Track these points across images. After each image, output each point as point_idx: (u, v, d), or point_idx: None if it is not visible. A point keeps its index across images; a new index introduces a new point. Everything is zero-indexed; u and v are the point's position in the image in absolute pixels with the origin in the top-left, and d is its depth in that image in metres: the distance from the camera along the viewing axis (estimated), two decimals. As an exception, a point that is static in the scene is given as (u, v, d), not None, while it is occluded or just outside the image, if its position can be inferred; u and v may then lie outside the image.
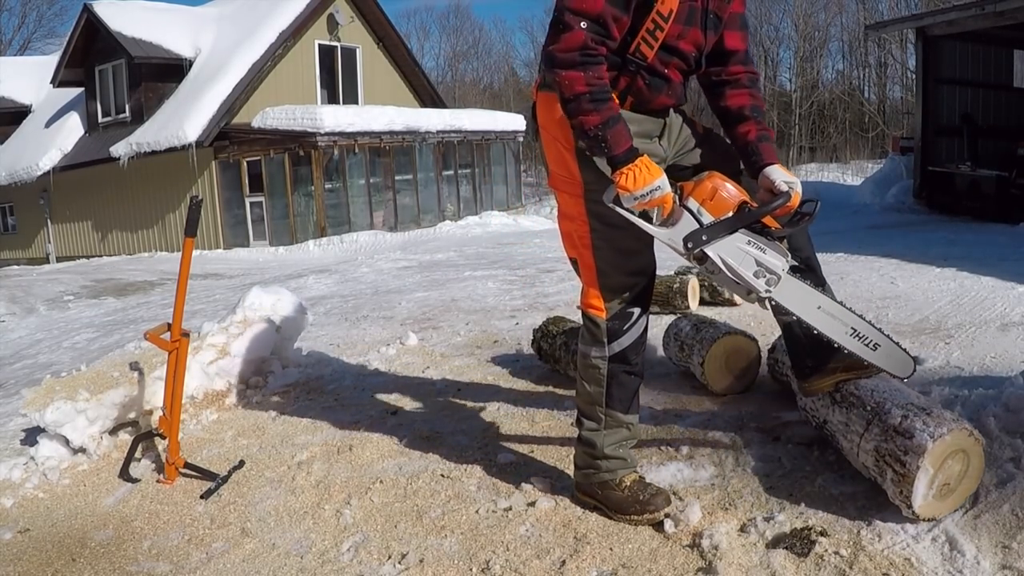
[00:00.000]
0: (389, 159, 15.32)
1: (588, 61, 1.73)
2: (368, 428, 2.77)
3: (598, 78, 1.74)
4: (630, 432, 2.06)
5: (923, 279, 4.58)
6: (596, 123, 1.73)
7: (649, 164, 1.76)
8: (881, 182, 10.93)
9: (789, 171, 1.90)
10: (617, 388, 2.01)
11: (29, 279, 11.67)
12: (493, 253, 8.90)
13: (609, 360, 1.99)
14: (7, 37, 33.93)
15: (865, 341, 1.89)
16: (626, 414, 2.03)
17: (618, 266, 1.94)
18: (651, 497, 1.96)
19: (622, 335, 1.97)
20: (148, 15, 15.65)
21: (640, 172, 1.74)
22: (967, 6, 8.50)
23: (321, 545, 2.03)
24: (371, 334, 4.37)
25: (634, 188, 1.74)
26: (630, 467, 2.04)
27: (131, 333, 5.56)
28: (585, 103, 1.73)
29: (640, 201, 1.76)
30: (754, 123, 1.93)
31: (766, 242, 1.79)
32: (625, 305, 1.96)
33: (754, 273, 1.79)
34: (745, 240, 1.78)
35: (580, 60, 1.72)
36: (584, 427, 2.05)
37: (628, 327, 1.97)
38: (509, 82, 41.41)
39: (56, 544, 2.19)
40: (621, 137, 1.75)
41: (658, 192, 1.75)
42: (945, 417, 1.77)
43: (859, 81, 32.71)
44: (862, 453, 1.89)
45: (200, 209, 2.52)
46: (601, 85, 1.74)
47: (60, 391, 2.76)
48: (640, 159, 1.76)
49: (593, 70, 1.73)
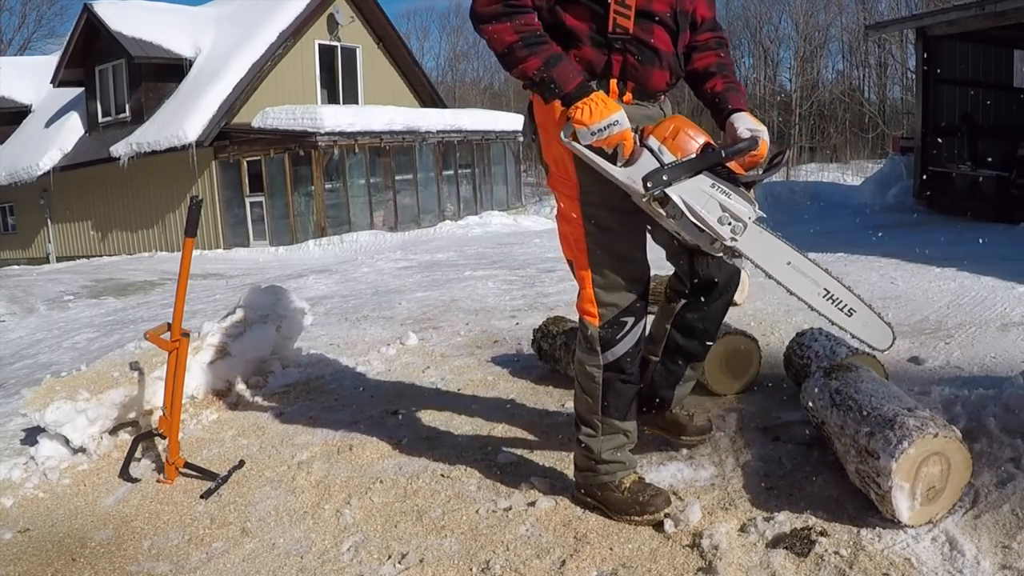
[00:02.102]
0: (389, 159, 15.32)
1: (512, 11, 1.71)
2: (368, 428, 2.77)
3: (526, 24, 1.71)
4: (628, 438, 2.04)
5: (923, 279, 4.58)
6: (537, 65, 1.71)
7: (605, 99, 1.71)
8: (881, 182, 10.93)
9: (757, 120, 1.85)
10: (613, 396, 1.98)
11: (29, 279, 11.67)
12: (493, 253, 8.90)
13: (604, 369, 1.96)
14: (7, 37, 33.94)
15: (839, 305, 1.81)
16: (623, 421, 2.01)
17: (612, 271, 1.91)
18: (651, 498, 1.96)
19: (615, 344, 1.93)
20: (148, 15, 15.64)
21: (596, 106, 1.69)
22: (967, 6, 8.49)
23: (321, 545, 2.03)
24: (371, 334, 4.37)
25: (590, 122, 1.69)
26: (629, 469, 2.04)
27: (131, 333, 5.56)
28: (519, 50, 1.71)
29: (598, 137, 1.69)
30: (720, 77, 1.93)
31: (731, 187, 1.71)
32: (619, 313, 1.92)
33: (718, 219, 1.70)
34: (709, 183, 1.70)
35: (503, 11, 1.71)
36: (581, 432, 2.04)
37: (622, 336, 1.93)
38: (509, 82, 41.34)
39: (56, 544, 2.19)
40: (568, 74, 1.71)
41: (616, 127, 1.69)
42: (908, 426, 1.74)
43: (859, 81, 32.73)
44: (849, 473, 1.90)
45: (200, 209, 2.52)
46: (531, 30, 1.72)
47: (60, 391, 2.76)
48: (595, 93, 1.71)
49: (520, 17, 1.71)
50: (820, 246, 6.52)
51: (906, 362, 2.97)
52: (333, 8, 16.17)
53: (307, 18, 15.69)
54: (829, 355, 2.53)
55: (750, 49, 34.64)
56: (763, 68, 34.12)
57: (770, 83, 31.99)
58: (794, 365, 2.68)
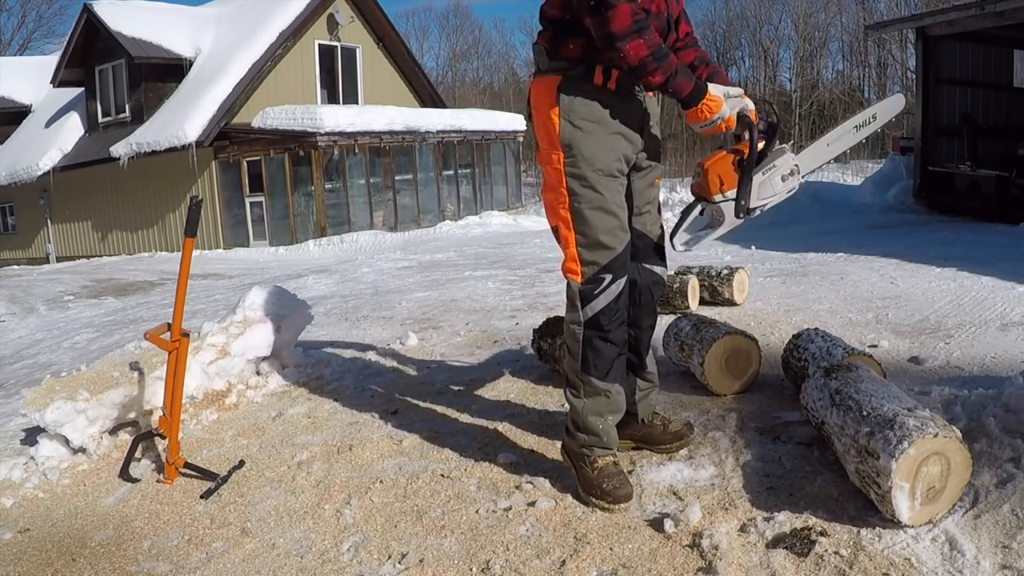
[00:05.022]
0: (389, 159, 15.33)
1: (642, 27, 1.87)
2: (368, 428, 2.77)
3: (652, 37, 1.89)
4: (609, 400, 2.10)
5: (923, 279, 4.58)
6: (660, 81, 1.92)
7: (712, 99, 1.97)
8: (881, 182, 10.94)
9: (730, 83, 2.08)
10: (592, 353, 2.07)
11: (29, 279, 11.67)
12: (493, 253, 8.90)
13: (584, 325, 2.07)
14: (7, 37, 33.97)
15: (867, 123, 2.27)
16: (603, 381, 2.08)
17: (593, 230, 2.03)
18: (614, 488, 2.01)
19: (593, 299, 2.05)
20: (148, 15, 15.66)
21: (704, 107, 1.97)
22: (967, 6, 8.50)
23: (321, 545, 2.03)
24: (371, 334, 4.37)
25: (695, 121, 1.99)
26: (606, 448, 2.10)
27: (131, 333, 5.56)
28: (650, 64, 1.89)
29: (706, 127, 2.00)
30: (704, 67, 2.13)
31: (767, 161, 2.08)
32: (599, 271, 2.04)
33: (783, 182, 2.11)
34: (761, 176, 2.08)
35: (635, 28, 1.86)
36: (567, 393, 2.15)
37: (599, 291, 2.05)
38: (509, 82, 41.46)
39: (56, 544, 2.19)
40: (683, 84, 1.94)
41: (719, 120, 1.98)
42: (908, 426, 1.74)
43: (859, 81, 32.75)
44: (849, 473, 1.90)
45: (200, 209, 2.52)
46: (657, 42, 1.90)
47: (60, 391, 2.76)
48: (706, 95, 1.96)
49: (648, 33, 1.88)
50: (820, 246, 6.54)
51: (906, 362, 2.97)
52: (333, 8, 16.18)
53: (307, 18, 15.70)
54: (825, 356, 2.53)
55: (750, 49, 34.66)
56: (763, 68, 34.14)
57: (770, 83, 31.98)
58: (792, 367, 2.68)
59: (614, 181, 2.05)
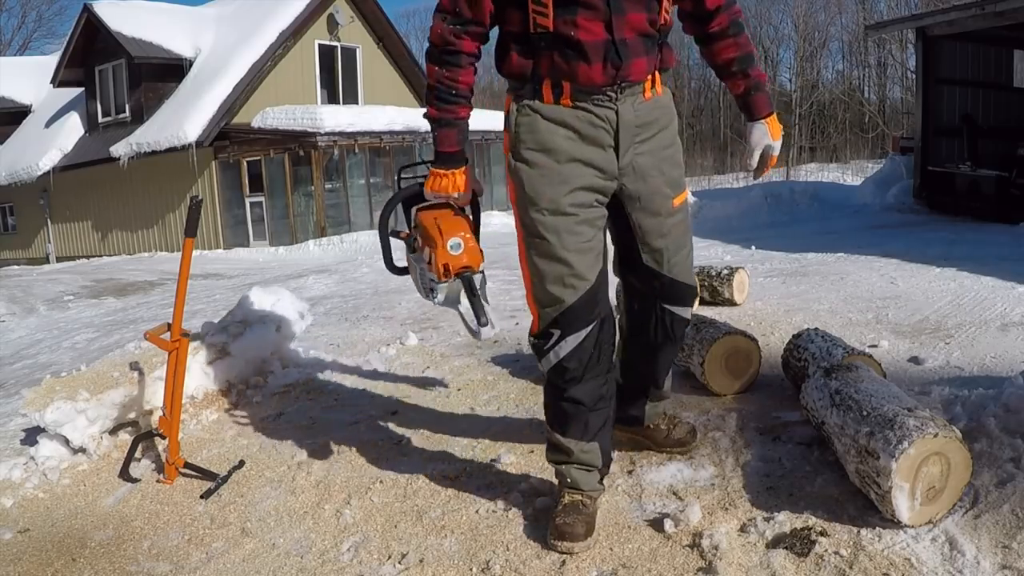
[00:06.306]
0: (389, 159, 15.31)
1: (447, 60, 1.77)
2: (368, 428, 2.77)
3: (450, 79, 1.78)
4: (569, 458, 1.91)
5: (923, 279, 4.58)
6: (433, 115, 1.81)
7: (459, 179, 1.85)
8: (881, 182, 10.94)
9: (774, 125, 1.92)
10: (551, 405, 1.92)
11: (29, 279, 11.66)
12: (493, 253, 8.86)
13: (545, 377, 1.92)
14: (7, 37, 33.97)
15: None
16: (563, 437, 1.90)
17: (540, 274, 1.83)
18: (567, 527, 1.82)
19: (543, 354, 1.86)
20: (148, 15, 15.64)
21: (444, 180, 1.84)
22: (967, 6, 8.50)
23: (321, 545, 2.03)
24: (371, 334, 4.37)
25: (430, 190, 1.87)
26: (573, 488, 1.91)
27: (131, 333, 5.56)
28: (431, 96, 1.81)
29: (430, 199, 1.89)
30: (741, 77, 1.91)
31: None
32: (548, 323, 1.84)
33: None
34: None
35: (438, 57, 1.78)
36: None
37: (548, 347, 1.84)
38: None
39: (56, 544, 2.19)
40: (447, 140, 1.82)
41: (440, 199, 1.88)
42: (908, 426, 1.73)
43: (859, 81, 32.78)
44: (849, 473, 1.90)
45: (200, 209, 2.52)
46: (449, 86, 1.78)
47: (60, 391, 2.76)
48: (455, 171, 1.84)
49: (449, 70, 1.77)
50: (820, 246, 6.54)
51: (906, 362, 2.97)
52: (333, 8, 16.16)
53: (307, 18, 15.68)
54: (826, 355, 2.53)
55: (750, 49, 34.60)
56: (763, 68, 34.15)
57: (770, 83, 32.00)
58: (792, 367, 2.68)
59: (568, 220, 1.77)
